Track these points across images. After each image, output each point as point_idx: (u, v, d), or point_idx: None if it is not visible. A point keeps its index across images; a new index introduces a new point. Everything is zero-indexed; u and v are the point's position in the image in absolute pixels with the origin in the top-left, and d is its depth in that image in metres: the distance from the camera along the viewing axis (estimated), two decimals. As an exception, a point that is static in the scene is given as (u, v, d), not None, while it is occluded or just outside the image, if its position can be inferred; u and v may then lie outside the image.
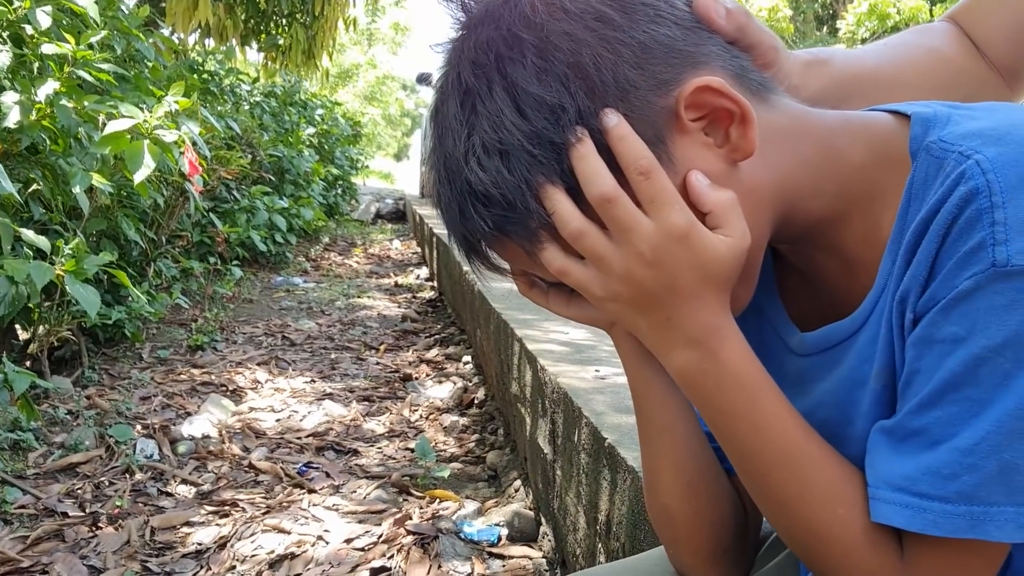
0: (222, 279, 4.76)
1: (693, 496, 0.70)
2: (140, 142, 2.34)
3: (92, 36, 2.41)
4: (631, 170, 0.55)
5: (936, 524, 0.52)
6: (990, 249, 0.49)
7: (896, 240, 0.57)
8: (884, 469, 0.56)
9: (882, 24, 20.34)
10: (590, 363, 2.01)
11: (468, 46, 0.58)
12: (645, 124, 0.55)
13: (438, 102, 0.60)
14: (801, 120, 0.61)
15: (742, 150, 0.57)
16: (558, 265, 0.58)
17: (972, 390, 0.51)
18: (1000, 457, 0.50)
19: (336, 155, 8.86)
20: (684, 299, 0.57)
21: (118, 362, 3.38)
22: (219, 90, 5.49)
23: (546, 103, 0.54)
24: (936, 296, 0.52)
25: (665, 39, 0.56)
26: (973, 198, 0.50)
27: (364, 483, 2.40)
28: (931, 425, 0.53)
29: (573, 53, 0.54)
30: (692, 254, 0.55)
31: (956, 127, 0.56)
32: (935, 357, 0.53)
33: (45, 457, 2.41)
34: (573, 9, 0.55)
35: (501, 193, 0.56)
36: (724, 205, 0.56)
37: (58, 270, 2.16)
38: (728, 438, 0.61)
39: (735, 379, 0.58)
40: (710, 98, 0.56)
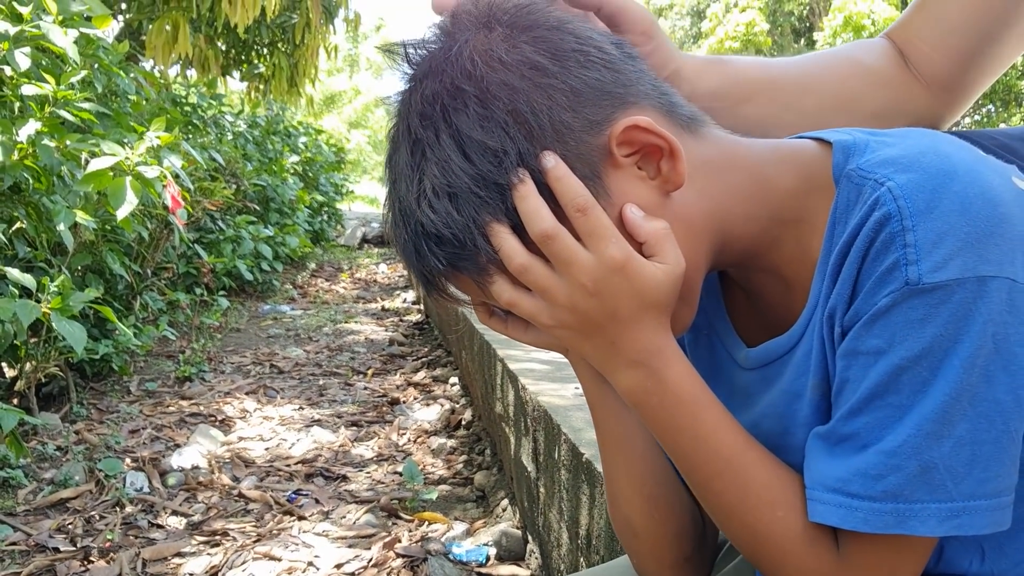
0: (209, 310, 4.78)
1: (653, 507, 0.74)
2: (122, 179, 2.38)
3: (72, 76, 2.45)
4: (569, 208, 0.59)
5: (866, 521, 0.56)
6: (903, 268, 0.54)
7: (824, 261, 0.61)
8: (819, 471, 0.60)
9: (857, 35, 20.59)
10: (570, 380, 2.05)
11: (416, 99, 0.62)
12: (581, 162, 0.59)
13: (391, 150, 0.64)
14: (731, 150, 0.66)
15: (672, 182, 0.61)
16: (507, 297, 0.62)
17: (894, 397, 0.56)
18: (921, 458, 0.55)
19: (321, 182, 8.90)
20: (625, 324, 0.61)
21: (106, 396, 3.39)
22: (202, 122, 5.54)
23: (489, 148, 0.58)
24: (859, 312, 0.57)
25: (595, 82, 0.60)
26: (887, 222, 0.55)
27: (353, 508, 2.42)
28: (860, 430, 0.57)
29: (511, 101, 0.59)
30: (630, 283, 0.59)
31: (872, 155, 0.60)
32: (861, 367, 0.57)
33: (35, 493, 2.42)
34: (509, 60, 0.60)
35: (452, 232, 0.60)
36: (658, 235, 0.60)
37: (44, 308, 2.18)
38: (674, 451, 0.65)
39: (676, 396, 0.62)
40: (639, 135, 0.60)
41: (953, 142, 0.60)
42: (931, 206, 0.54)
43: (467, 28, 0.63)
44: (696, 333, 0.75)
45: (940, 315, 0.54)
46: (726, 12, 25.24)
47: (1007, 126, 4.85)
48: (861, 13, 20.31)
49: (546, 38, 0.61)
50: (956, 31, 0.82)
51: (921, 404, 0.55)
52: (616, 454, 0.74)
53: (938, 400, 0.54)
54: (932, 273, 0.54)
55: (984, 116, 18.79)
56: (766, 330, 0.69)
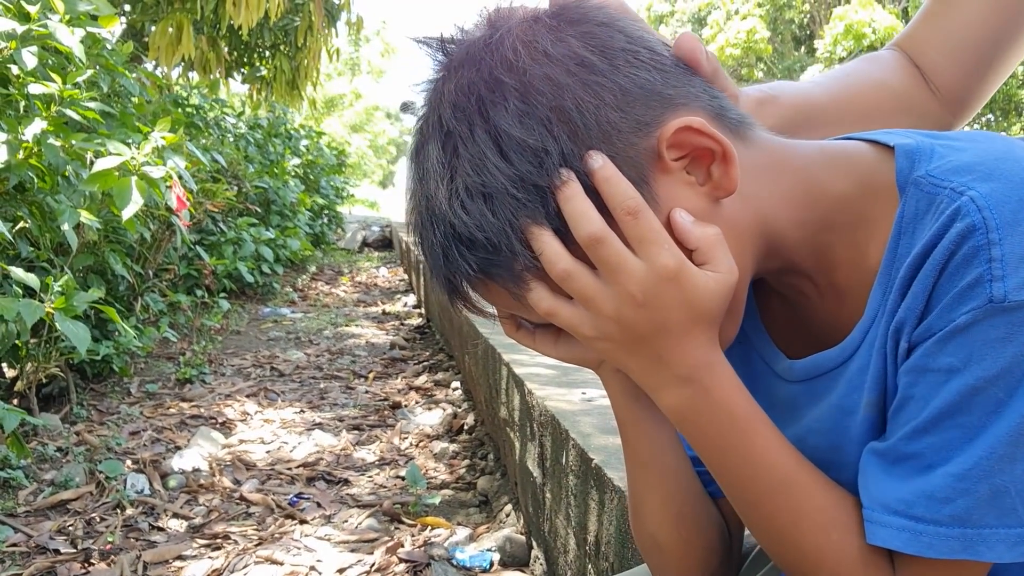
0: (210, 311, 4.77)
1: (681, 526, 0.72)
2: (128, 179, 2.37)
3: (78, 75, 2.44)
4: (619, 211, 0.55)
5: (931, 546, 0.54)
6: (987, 285, 0.51)
7: (886, 273, 0.58)
8: (879, 492, 0.57)
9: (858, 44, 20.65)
10: (576, 386, 2.04)
11: (449, 89, 0.58)
12: (628, 165, 0.56)
13: (418, 144, 0.60)
14: (781, 154, 0.63)
15: (724, 187, 0.58)
16: (546, 306, 0.58)
17: (966, 418, 0.53)
18: (992, 482, 0.52)
19: (322, 184, 8.90)
20: (675, 338, 0.57)
21: (106, 397, 3.38)
22: (204, 123, 5.53)
23: (529, 146, 0.55)
24: (933, 328, 0.54)
25: (645, 83, 0.57)
26: (970, 234, 0.52)
27: (355, 512, 2.41)
28: (925, 450, 0.55)
29: (555, 97, 0.55)
30: (682, 293, 0.56)
31: (943, 161, 0.57)
32: (930, 385, 0.54)
33: (35, 495, 2.40)
34: (555, 54, 0.56)
35: (486, 236, 0.56)
36: (710, 241, 0.56)
37: (48, 307, 2.17)
38: (721, 470, 0.62)
39: (727, 413, 0.59)
40: (691, 138, 0.57)
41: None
42: (1019, 218, 0.52)
43: (511, 16, 0.59)
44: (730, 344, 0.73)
45: (1022, 335, 0.51)
46: (727, 19, 25.29)
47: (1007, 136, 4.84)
48: (862, 22, 20.35)
49: (595, 34, 0.58)
50: (968, 38, 0.81)
51: (995, 426, 0.52)
52: (646, 472, 0.71)
53: (1013, 422, 0.52)
54: (1019, 291, 0.51)
55: (984, 125, 18.84)
56: (806, 340, 0.66)
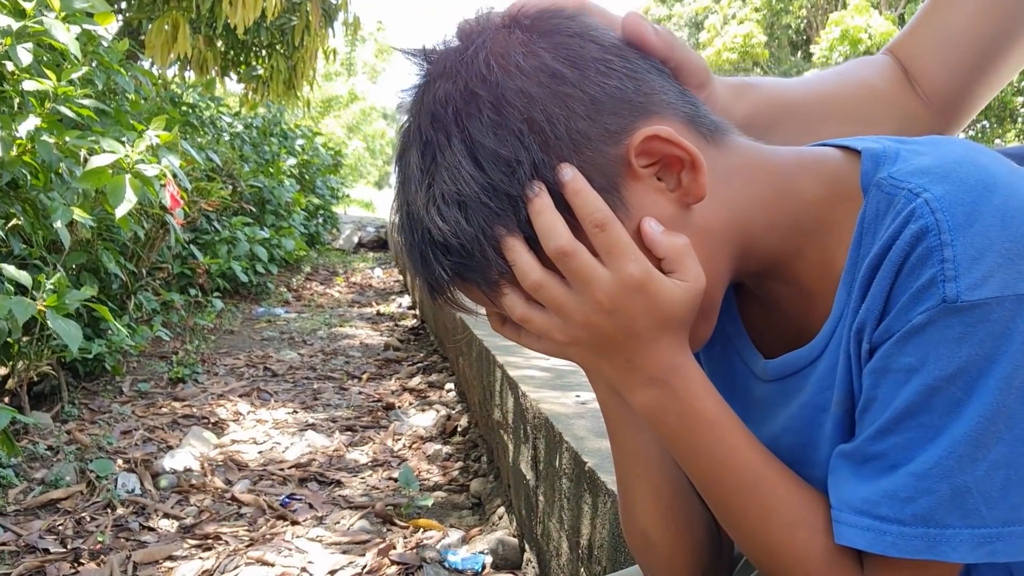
0: (203, 311, 4.75)
1: (671, 521, 0.73)
2: (122, 177, 2.36)
3: (73, 72, 2.43)
4: (587, 223, 0.57)
5: (895, 546, 0.54)
6: (940, 285, 0.52)
7: (850, 272, 0.59)
8: (846, 493, 0.58)
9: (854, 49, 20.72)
10: (571, 388, 2.04)
11: (428, 99, 0.60)
12: (599, 173, 0.57)
13: (401, 148, 0.62)
14: (755, 159, 0.64)
15: (693, 194, 0.59)
16: (520, 313, 0.60)
17: (926, 416, 0.54)
18: (953, 481, 0.53)
19: (317, 184, 8.88)
20: (643, 343, 0.59)
21: (98, 396, 3.36)
22: (200, 122, 5.52)
23: (502, 156, 0.56)
24: (891, 329, 0.55)
25: (616, 91, 0.58)
26: (924, 236, 0.53)
27: (348, 513, 2.40)
28: (889, 450, 0.56)
29: (526, 109, 0.57)
30: (649, 301, 0.58)
31: (904, 164, 0.59)
32: (891, 386, 0.55)
33: (25, 493, 2.39)
34: (526, 66, 0.58)
35: (460, 243, 0.58)
36: (678, 251, 0.58)
37: (40, 305, 2.16)
38: (693, 469, 0.63)
39: (695, 414, 0.61)
40: (659, 146, 0.58)
41: (987, 152, 0.58)
42: (971, 220, 0.53)
43: (485, 29, 0.61)
44: (711, 344, 0.73)
45: (977, 334, 0.52)
46: (724, 24, 25.35)
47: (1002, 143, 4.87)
48: (858, 27, 20.43)
49: (567, 44, 0.59)
50: (962, 45, 0.81)
51: (954, 425, 0.53)
52: (633, 466, 0.72)
53: (972, 422, 0.52)
54: (971, 291, 0.52)
55: (978, 132, 18.91)
56: (783, 341, 0.68)
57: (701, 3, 27.20)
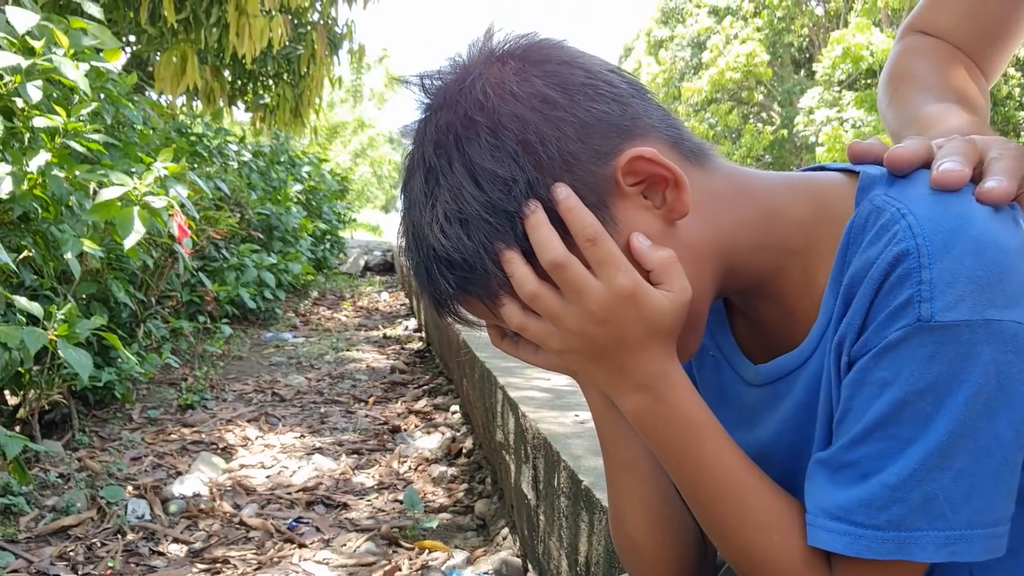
0: (212, 337, 4.80)
1: (658, 529, 0.76)
2: (130, 209, 2.41)
3: (83, 108, 2.50)
4: (579, 237, 0.61)
5: (869, 548, 0.59)
6: (916, 305, 0.57)
7: (836, 278, 0.64)
8: (821, 498, 0.62)
9: (856, 67, 20.78)
10: (570, 408, 2.07)
11: (430, 128, 0.65)
12: (589, 190, 0.62)
13: (407, 177, 0.67)
14: (740, 181, 0.68)
15: (677, 211, 0.63)
16: (517, 322, 0.65)
17: (896, 429, 0.58)
18: (923, 490, 0.57)
19: (324, 210, 8.96)
20: (633, 350, 0.63)
21: (108, 423, 3.41)
22: (208, 152, 5.60)
23: (499, 176, 0.61)
24: (869, 344, 0.59)
25: (603, 115, 0.63)
26: (904, 258, 0.57)
27: (354, 536, 2.42)
28: (862, 459, 0.60)
29: (521, 132, 0.62)
30: (638, 311, 0.62)
31: (899, 189, 0.63)
32: (865, 398, 0.59)
33: (37, 521, 2.42)
34: (520, 93, 0.63)
35: (462, 257, 0.63)
36: (665, 263, 0.62)
37: (51, 335, 2.21)
38: (677, 473, 0.67)
39: (681, 419, 0.65)
40: (644, 166, 0.63)
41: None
42: (948, 247, 0.57)
43: (480, 61, 0.66)
44: (702, 355, 0.77)
45: (947, 353, 0.56)
46: (726, 43, 25.50)
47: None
48: (859, 44, 20.50)
49: (557, 72, 0.64)
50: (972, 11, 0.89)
51: (923, 439, 0.57)
52: (623, 475, 0.76)
53: (940, 436, 0.56)
54: (943, 312, 0.56)
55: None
56: (768, 350, 0.72)
57: (703, 24, 27.38)
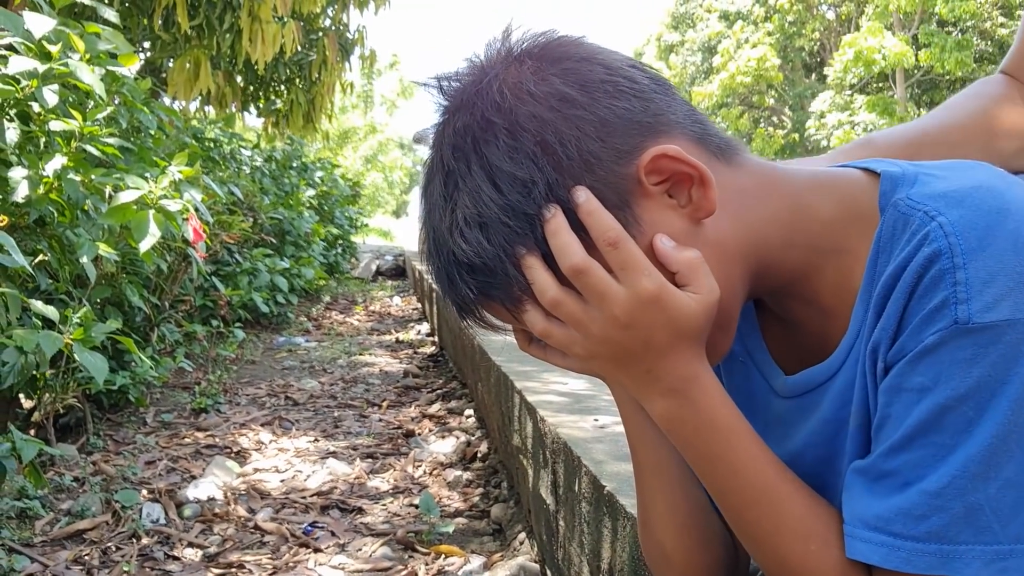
0: (225, 341, 4.80)
1: (687, 535, 0.74)
2: (145, 212, 2.41)
3: (98, 112, 2.50)
4: (601, 241, 0.59)
5: (909, 561, 0.56)
6: (953, 307, 0.54)
7: (867, 289, 0.61)
8: (859, 508, 0.59)
9: (868, 70, 20.70)
10: (589, 412, 2.04)
11: (448, 131, 0.63)
12: (611, 191, 0.60)
13: (426, 181, 0.66)
14: (768, 178, 0.66)
15: (704, 209, 0.61)
16: (540, 328, 0.63)
17: (938, 436, 0.55)
18: (966, 499, 0.54)
19: (336, 215, 8.97)
20: (660, 354, 0.61)
21: (123, 427, 3.41)
22: (221, 157, 5.61)
23: (518, 178, 0.59)
24: (904, 348, 0.57)
25: (624, 112, 0.61)
26: (936, 259, 0.55)
27: (369, 541, 2.41)
28: (901, 467, 0.57)
29: (539, 132, 0.60)
30: (664, 314, 0.60)
31: (922, 187, 0.61)
32: (904, 404, 0.57)
33: (52, 524, 2.42)
34: (538, 92, 0.61)
35: (483, 262, 0.61)
36: (691, 264, 0.60)
37: (66, 339, 2.20)
38: (708, 479, 0.65)
39: (711, 423, 0.62)
40: (668, 164, 0.60)
41: (1005, 177, 0.60)
42: (983, 244, 0.54)
43: (497, 62, 0.64)
44: (732, 361, 0.75)
45: (989, 356, 0.53)
46: (737, 48, 25.45)
47: None
48: (871, 48, 20.43)
49: (575, 70, 0.62)
50: None
51: (966, 445, 0.54)
52: (652, 480, 0.74)
53: (984, 441, 0.54)
54: (982, 313, 0.53)
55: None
56: (801, 359, 0.69)
57: (714, 28, 27.34)
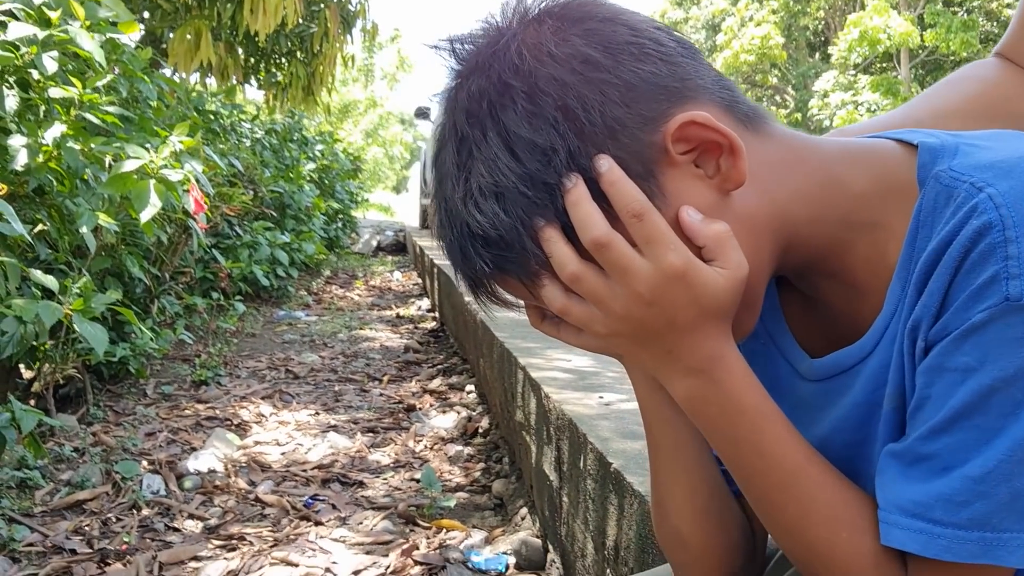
0: (225, 314, 4.79)
1: (705, 519, 0.71)
2: (146, 182, 2.38)
3: (98, 80, 2.46)
4: (624, 213, 0.56)
5: (949, 550, 0.53)
6: (1004, 283, 0.51)
7: (905, 267, 0.58)
8: (895, 494, 0.56)
9: (872, 50, 20.54)
10: (594, 390, 2.03)
11: (462, 96, 0.60)
12: (635, 160, 0.57)
13: (437, 149, 0.62)
14: (798, 149, 0.62)
15: (733, 180, 0.58)
16: (559, 305, 0.59)
17: (983, 418, 0.52)
18: (1011, 485, 0.52)
19: (336, 189, 8.93)
20: (684, 333, 0.58)
21: (122, 399, 3.40)
22: (221, 129, 5.56)
23: (537, 146, 0.56)
24: (949, 326, 0.54)
25: (650, 76, 0.57)
26: (987, 232, 0.52)
27: (370, 514, 2.40)
28: (942, 451, 0.54)
29: (561, 96, 0.56)
30: (690, 291, 0.56)
31: (965, 158, 0.57)
32: (946, 385, 0.54)
33: (52, 495, 2.41)
34: (559, 54, 0.57)
35: (499, 234, 0.57)
36: (719, 238, 0.57)
37: (66, 309, 2.18)
38: (733, 462, 0.62)
39: (736, 405, 0.59)
40: (697, 132, 0.57)
41: None
42: None
43: (515, 22, 0.61)
44: (753, 343, 0.71)
45: None
46: (741, 26, 25.23)
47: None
48: (877, 27, 20.25)
49: (598, 30, 0.58)
50: None
51: (1013, 428, 0.51)
52: (668, 462, 0.71)
53: None
54: None
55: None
56: (828, 340, 0.66)
57: (718, 6, 27.08)
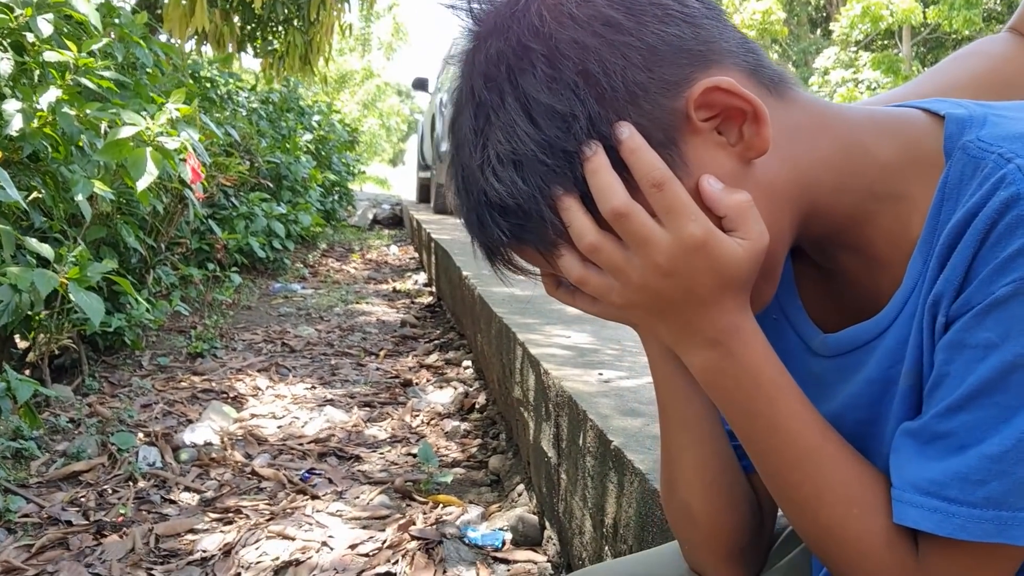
0: (221, 286, 4.76)
1: (715, 494, 0.71)
2: (143, 149, 2.34)
3: (94, 44, 2.41)
4: (644, 182, 0.55)
5: (964, 528, 0.52)
6: None
7: (927, 240, 0.56)
8: (910, 472, 0.55)
9: (875, 27, 20.38)
10: (593, 367, 2.02)
11: (479, 59, 0.58)
12: (656, 126, 0.55)
13: (454, 114, 0.61)
14: (822, 116, 0.61)
15: (756, 148, 0.56)
16: (576, 275, 0.59)
17: (1002, 396, 0.51)
18: None
19: (333, 161, 8.86)
20: (703, 304, 0.57)
21: (118, 370, 3.38)
22: (217, 97, 5.50)
23: (557, 112, 0.55)
24: (971, 301, 0.52)
25: (674, 39, 0.56)
26: (1015, 204, 0.50)
27: (367, 489, 2.40)
28: (958, 429, 0.53)
29: (581, 61, 0.54)
30: (710, 262, 0.55)
31: (994, 128, 0.56)
32: (966, 361, 0.53)
33: (48, 465, 2.40)
34: (580, 16, 0.55)
35: (516, 203, 0.56)
36: (739, 208, 0.56)
37: (61, 278, 2.16)
38: (747, 436, 0.61)
39: (753, 378, 0.59)
40: (721, 98, 0.55)
41: None
42: None
43: None
44: (764, 317, 0.71)
45: None
46: (742, 1, 25.00)
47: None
48: (879, 4, 20.07)
49: None
50: None
51: None
52: (681, 436, 0.70)
53: None
54: None
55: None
56: (842, 315, 0.65)
57: (720, -21, 26.81)
